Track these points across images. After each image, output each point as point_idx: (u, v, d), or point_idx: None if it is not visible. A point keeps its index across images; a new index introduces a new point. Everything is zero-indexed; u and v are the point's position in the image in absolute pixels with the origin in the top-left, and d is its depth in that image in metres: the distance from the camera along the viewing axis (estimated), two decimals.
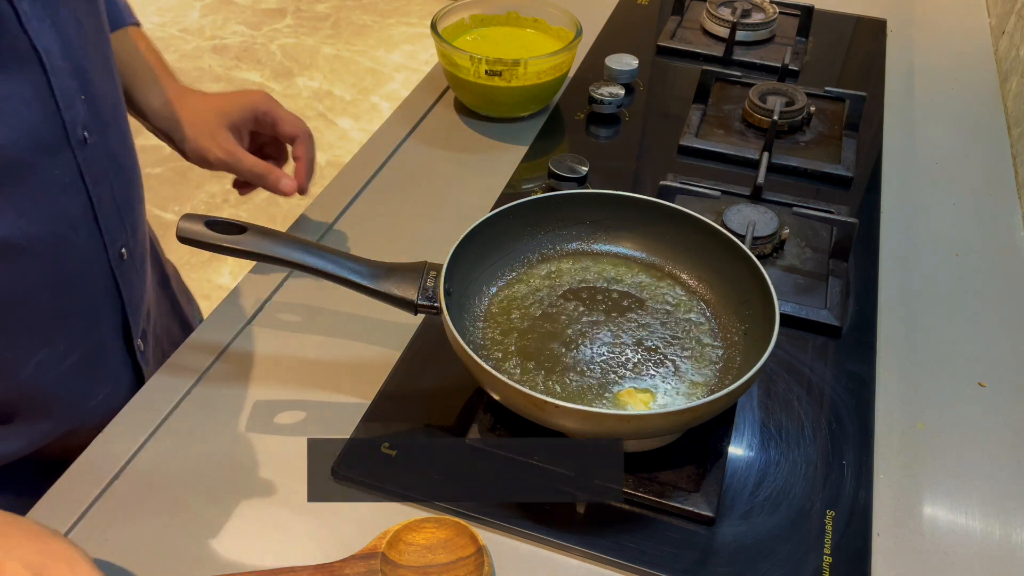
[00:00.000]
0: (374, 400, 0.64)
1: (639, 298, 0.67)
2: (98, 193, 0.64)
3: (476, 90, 0.93)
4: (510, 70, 0.90)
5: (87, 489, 0.57)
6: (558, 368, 0.61)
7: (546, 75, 0.92)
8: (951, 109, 1.03)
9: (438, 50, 0.95)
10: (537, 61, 0.90)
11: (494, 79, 0.91)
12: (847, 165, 0.90)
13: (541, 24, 1.01)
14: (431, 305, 0.60)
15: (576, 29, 0.95)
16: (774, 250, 0.78)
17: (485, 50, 0.98)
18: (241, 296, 0.73)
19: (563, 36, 0.99)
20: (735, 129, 0.97)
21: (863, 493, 0.59)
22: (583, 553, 0.55)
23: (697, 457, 0.59)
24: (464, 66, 0.91)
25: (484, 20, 1.02)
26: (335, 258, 0.62)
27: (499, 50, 0.99)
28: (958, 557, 0.56)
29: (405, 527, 0.54)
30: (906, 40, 1.17)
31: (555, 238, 0.71)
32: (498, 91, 0.92)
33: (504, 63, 0.89)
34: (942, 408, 0.66)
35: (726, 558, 0.55)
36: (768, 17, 1.15)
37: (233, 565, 0.54)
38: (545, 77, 0.92)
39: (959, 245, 0.83)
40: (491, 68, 0.90)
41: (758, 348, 0.58)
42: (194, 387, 0.65)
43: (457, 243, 0.63)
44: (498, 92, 0.93)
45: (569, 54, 0.93)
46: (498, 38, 1.01)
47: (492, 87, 0.92)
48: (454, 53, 0.91)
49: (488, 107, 0.97)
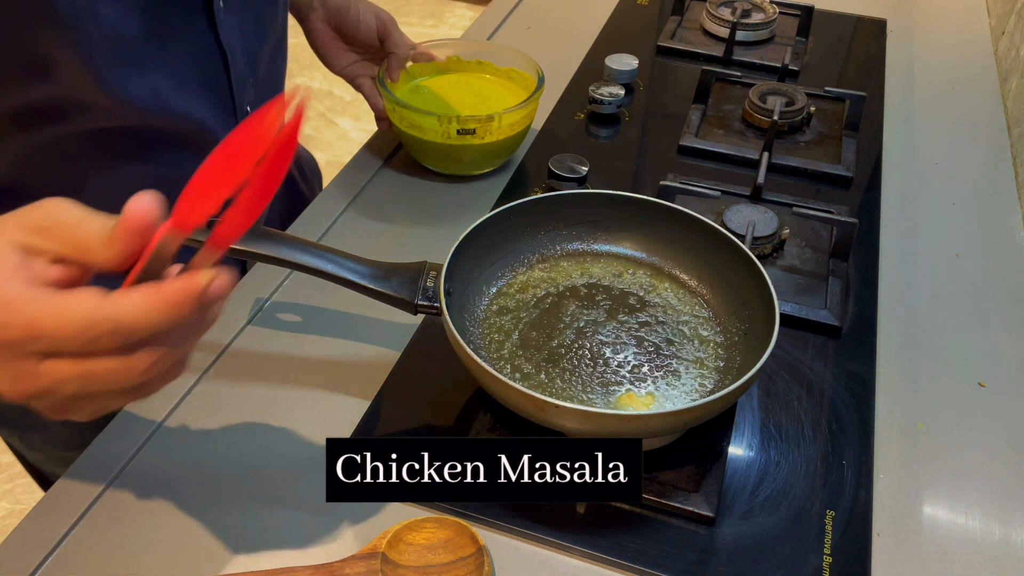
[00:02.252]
0: (374, 400, 0.64)
1: (639, 298, 0.67)
2: None
3: (441, 151, 0.84)
4: (484, 126, 0.81)
5: (87, 489, 0.57)
6: (558, 368, 0.61)
7: (519, 125, 0.84)
8: (951, 109, 1.03)
9: (391, 112, 0.84)
10: (511, 113, 0.81)
11: (466, 138, 0.81)
12: (847, 165, 0.90)
13: (487, 66, 0.93)
14: (431, 305, 0.60)
15: (535, 71, 0.87)
16: (774, 250, 0.78)
17: (437, 104, 0.88)
18: (241, 296, 0.73)
19: (515, 77, 0.91)
20: (735, 129, 0.97)
21: (863, 493, 0.59)
22: (583, 553, 0.55)
23: (697, 457, 0.59)
24: (430, 127, 0.81)
25: (425, 69, 0.92)
26: (335, 258, 0.62)
27: (456, 102, 0.89)
28: (958, 557, 0.56)
29: (405, 527, 0.54)
30: (906, 40, 1.17)
31: (555, 238, 0.71)
32: (468, 150, 0.83)
33: (478, 120, 0.80)
34: (942, 408, 0.66)
35: (726, 558, 0.55)
36: (768, 17, 1.15)
37: (233, 565, 0.54)
38: (518, 128, 0.84)
39: (959, 245, 0.83)
40: (463, 127, 0.80)
41: (758, 348, 0.58)
42: (194, 387, 0.65)
43: (457, 243, 0.63)
44: (468, 151, 0.83)
45: (537, 98, 0.85)
46: (446, 88, 0.91)
47: (462, 146, 0.82)
48: (416, 115, 0.81)
49: (452, 167, 0.87)
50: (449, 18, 3.32)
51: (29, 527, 0.55)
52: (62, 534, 0.55)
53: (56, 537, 0.54)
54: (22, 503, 1.64)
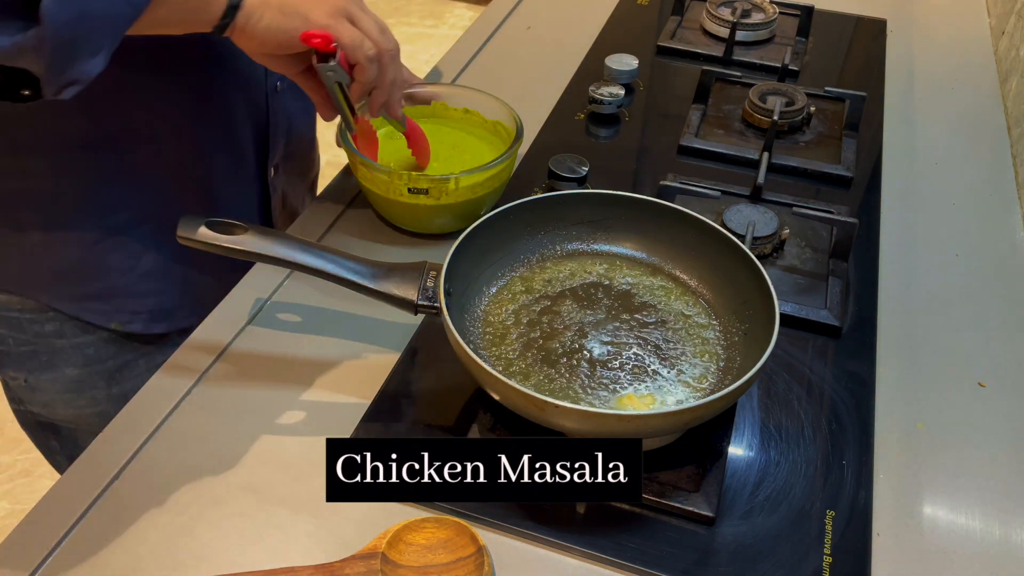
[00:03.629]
0: (374, 400, 0.64)
1: (639, 298, 0.67)
2: None
3: (399, 208, 0.76)
4: (438, 187, 0.72)
5: (87, 489, 0.57)
6: (558, 368, 0.61)
7: (482, 188, 0.75)
8: (951, 109, 1.03)
9: (352, 163, 0.77)
10: (470, 176, 0.72)
11: (419, 198, 0.73)
12: (847, 165, 0.90)
13: (474, 117, 0.84)
14: (431, 305, 0.60)
15: (516, 126, 0.78)
16: (774, 250, 0.78)
17: (402, 155, 0.80)
18: (241, 296, 0.73)
19: (500, 132, 0.82)
20: (735, 129, 0.97)
21: (863, 493, 0.59)
22: (583, 553, 0.55)
23: (697, 457, 0.59)
24: (381, 179, 0.73)
25: (409, 111, 0.82)
26: (335, 258, 0.62)
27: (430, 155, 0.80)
28: (958, 557, 0.56)
29: (405, 527, 0.54)
30: (906, 40, 1.17)
31: (555, 238, 0.71)
32: (423, 210, 0.75)
33: (430, 180, 0.72)
34: (942, 408, 0.66)
35: (726, 558, 0.55)
36: (768, 17, 1.15)
37: (233, 565, 0.54)
38: (481, 191, 0.75)
39: (959, 245, 0.83)
40: (414, 186, 0.72)
41: (758, 348, 0.58)
42: (194, 387, 0.65)
43: (457, 243, 0.63)
44: (423, 211, 0.75)
45: (509, 162, 0.76)
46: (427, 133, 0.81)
47: (416, 206, 0.74)
48: (370, 168, 0.73)
49: (413, 224, 0.78)
50: (449, 18, 3.32)
51: (29, 527, 0.55)
52: (62, 534, 0.55)
53: (56, 537, 0.54)
54: (22, 503, 1.64)
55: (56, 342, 0.78)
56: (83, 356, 0.79)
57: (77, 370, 0.79)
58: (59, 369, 0.79)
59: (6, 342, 0.79)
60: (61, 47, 0.50)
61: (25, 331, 0.77)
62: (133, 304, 0.78)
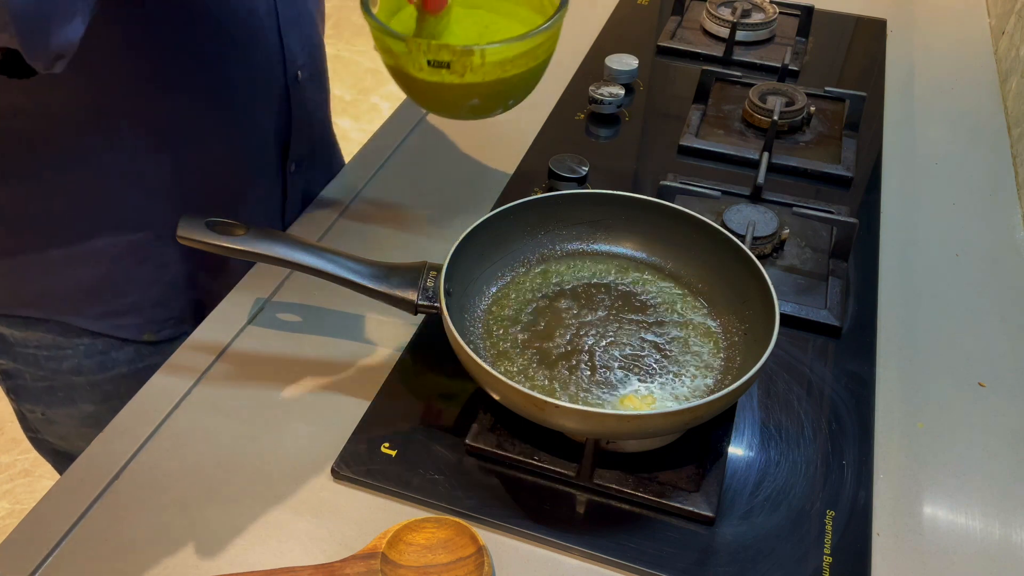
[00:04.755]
0: (374, 400, 0.64)
1: (639, 298, 0.67)
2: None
3: (419, 86, 0.67)
4: (461, 61, 0.63)
5: (87, 489, 0.57)
6: (558, 368, 0.61)
7: (513, 66, 0.65)
8: (951, 109, 1.03)
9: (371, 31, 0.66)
10: (498, 49, 0.63)
11: (441, 73, 0.64)
12: (847, 165, 0.90)
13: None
14: (431, 305, 0.60)
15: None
16: (774, 250, 0.78)
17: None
18: (241, 296, 0.73)
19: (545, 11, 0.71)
20: (735, 129, 0.97)
21: (863, 493, 0.59)
22: (583, 553, 0.55)
23: (697, 457, 0.59)
24: (401, 53, 0.64)
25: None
26: (335, 258, 0.62)
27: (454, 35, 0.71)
28: (958, 557, 0.56)
29: (405, 527, 0.54)
30: (906, 40, 1.17)
31: (555, 238, 0.71)
32: (447, 90, 0.66)
33: (452, 50, 0.62)
34: (942, 408, 0.66)
35: (726, 558, 0.55)
36: (768, 17, 1.15)
37: (233, 565, 0.54)
38: (512, 69, 0.65)
39: (959, 245, 0.83)
40: (434, 58, 0.63)
41: (758, 348, 0.58)
42: (194, 387, 0.65)
43: (457, 243, 0.63)
44: (447, 91, 0.66)
45: (546, 36, 0.65)
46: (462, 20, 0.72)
47: (438, 84, 0.65)
48: (385, 36, 0.64)
49: (441, 109, 0.71)
50: None
51: (29, 527, 0.55)
52: (62, 534, 0.55)
53: (56, 537, 0.55)
54: (22, 503, 1.64)
55: (74, 379, 0.77)
56: (101, 392, 0.78)
57: (94, 406, 0.79)
58: (76, 405, 0.79)
59: (23, 376, 0.78)
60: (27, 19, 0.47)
61: (42, 367, 0.77)
62: (163, 312, 0.77)
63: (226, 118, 0.74)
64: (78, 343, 0.76)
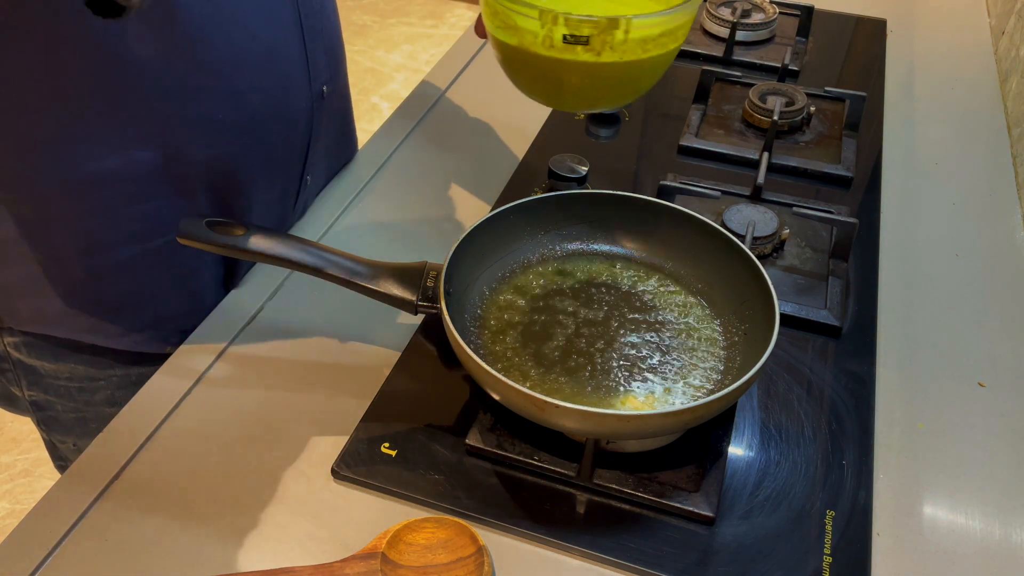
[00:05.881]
0: (374, 400, 0.64)
1: (639, 298, 0.67)
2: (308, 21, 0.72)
3: (541, 69, 0.60)
4: (602, 36, 0.56)
5: (87, 489, 0.57)
6: (558, 368, 0.61)
7: (654, 47, 0.59)
8: (951, 109, 1.03)
9: (486, 7, 0.61)
10: (645, 22, 0.57)
11: (575, 51, 0.57)
12: (847, 165, 0.90)
13: None
14: (431, 305, 0.60)
15: None
16: (774, 250, 0.78)
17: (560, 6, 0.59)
18: (241, 296, 0.73)
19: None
20: (735, 129, 0.97)
21: (863, 493, 0.59)
22: (583, 553, 0.55)
23: (697, 457, 0.59)
24: (528, 30, 0.58)
25: None
26: (335, 258, 0.62)
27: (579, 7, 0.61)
28: (958, 557, 0.56)
29: (405, 527, 0.54)
30: (906, 40, 1.17)
31: (555, 238, 0.71)
32: (576, 71, 0.59)
33: (595, 24, 0.56)
34: (942, 408, 0.66)
35: (726, 558, 0.55)
36: (768, 17, 1.15)
37: (233, 565, 0.54)
38: (653, 50, 0.59)
39: (959, 245, 0.83)
40: (573, 33, 0.56)
41: (758, 348, 0.58)
42: (194, 387, 0.65)
43: (457, 243, 0.63)
44: (576, 73, 0.59)
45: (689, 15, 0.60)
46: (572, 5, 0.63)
47: (571, 63, 0.58)
48: (512, 12, 0.57)
49: (555, 94, 0.64)
50: (449, 18, 3.32)
51: (29, 527, 0.55)
52: (62, 534, 0.55)
53: (56, 537, 0.55)
54: (22, 503, 1.64)
55: (107, 410, 0.75)
56: None
57: None
58: None
59: (54, 408, 0.77)
60: None
61: (74, 399, 0.76)
62: (184, 322, 0.74)
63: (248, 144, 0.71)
64: (111, 374, 0.74)
